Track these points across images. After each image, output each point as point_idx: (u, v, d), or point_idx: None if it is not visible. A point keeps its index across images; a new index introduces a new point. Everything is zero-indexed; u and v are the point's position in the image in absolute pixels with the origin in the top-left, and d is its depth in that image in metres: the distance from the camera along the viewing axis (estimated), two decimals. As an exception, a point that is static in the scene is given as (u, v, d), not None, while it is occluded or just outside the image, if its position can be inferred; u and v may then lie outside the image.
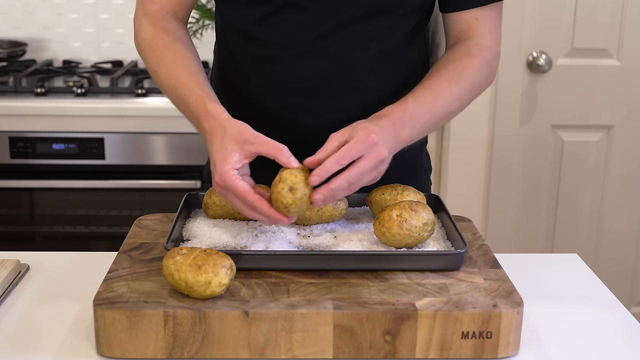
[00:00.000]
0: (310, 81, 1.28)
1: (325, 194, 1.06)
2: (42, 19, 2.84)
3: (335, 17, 1.25)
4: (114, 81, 2.50)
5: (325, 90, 1.29)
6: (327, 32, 1.26)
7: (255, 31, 1.29)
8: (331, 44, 1.26)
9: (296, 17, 1.25)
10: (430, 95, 1.21)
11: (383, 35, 1.28)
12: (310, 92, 1.29)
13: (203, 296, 1.00)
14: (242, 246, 1.14)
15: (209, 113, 1.13)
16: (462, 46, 1.29)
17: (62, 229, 2.55)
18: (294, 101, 1.30)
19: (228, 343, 0.99)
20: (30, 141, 2.40)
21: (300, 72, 1.28)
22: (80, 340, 1.05)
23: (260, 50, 1.30)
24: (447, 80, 1.23)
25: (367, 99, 1.29)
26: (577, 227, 2.64)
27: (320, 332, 0.99)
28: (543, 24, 2.48)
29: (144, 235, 1.23)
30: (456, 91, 1.23)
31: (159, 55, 1.24)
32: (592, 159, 2.58)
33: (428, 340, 0.99)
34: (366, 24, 1.26)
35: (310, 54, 1.27)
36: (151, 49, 1.26)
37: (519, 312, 1.01)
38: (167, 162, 2.43)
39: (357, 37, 1.26)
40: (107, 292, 1.03)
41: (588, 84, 2.52)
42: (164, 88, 1.24)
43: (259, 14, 1.27)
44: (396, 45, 1.30)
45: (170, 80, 1.21)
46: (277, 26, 1.27)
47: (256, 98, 1.31)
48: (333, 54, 1.27)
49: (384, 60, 1.30)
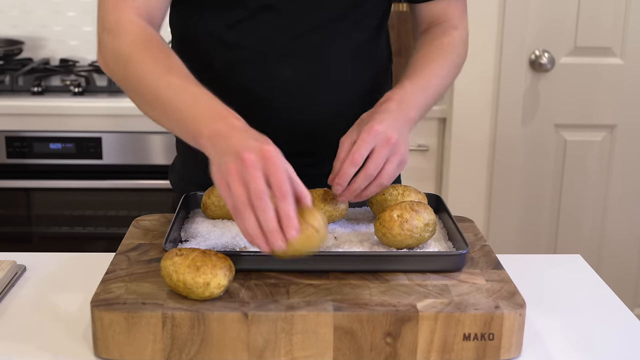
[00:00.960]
0: (286, 83, 1.29)
1: (348, 196, 1.10)
2: (39, 17, 2.85)
3: (310, 18, 1.27)
4: (112, 80, 2.50)
5: (301, 90, 1.30)
6: (302, 33, 1.27)
7: (229, 36, 1.28)
8: (306, 44, 1.28)
9: (272, 19, 1.26)
10: (422, 76, 1.26)
11: (355, 31, 1.31)
12: (286, 93, 1.30)
13: (202, 297, 1.00)
14: (241, 247, 1.14)
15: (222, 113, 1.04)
16: (438, 30, 1.36)
17: (59, 229, 2.55)
18: (271, 103, 1.31)
19: (227, 345, 0.99)
20: (27, 141, 2.40)
21: (277, 74, 1.29)
22: (77, 342, 1.05)
23: (235, 55, 1.29)
24: (434, 60, 1.29)
25: (344, 94, 1.33)
26: (580, 227, 2.64)
27: (320, 334, 0.99)
28: (546, 22, 2.48)
29: (141, 236, 1.23)
30: (444, 69, 1.30)
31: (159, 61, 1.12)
32: (595, 158, 2.58)
33: (429, 342, 0.99)
34: (339, 22, 1.29)
35: (285, 55, 1.28)
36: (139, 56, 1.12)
37: (522, 314, 1.01)
38: (166, 162, 2.43)
39: (331, 36, 1.29)
40: (104, 293, 1.03)
41: (591, 83, 2.52)
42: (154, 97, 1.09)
43: (233, 18, 1.27)
44: (367, 39, 1.34)
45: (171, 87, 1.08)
46: (252, 30, 1.28)
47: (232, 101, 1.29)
48: (308, 53, 1.29)
49: (357, 55, 1.33)
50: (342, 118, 1.27)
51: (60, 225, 2.55)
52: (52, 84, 2.55)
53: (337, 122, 1.27)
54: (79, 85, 2.47)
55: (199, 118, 1.03)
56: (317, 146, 1.34)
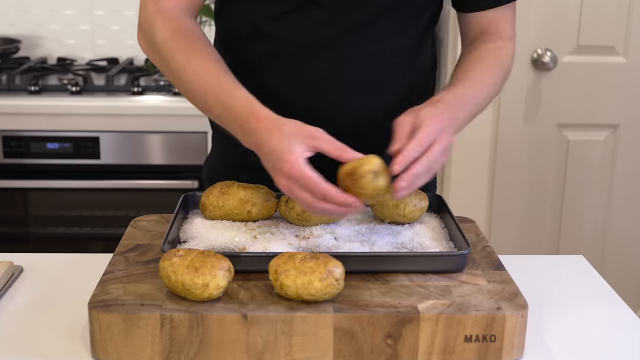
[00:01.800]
0: (324, 79, 1.29)
1: (408, 180, 1.05)
2: (36, 15, 2.85)
3: (353, 14, 1.27)
4: (110, 79, 2.50)
5: (339, 88, 1.30)
6: (345, 30, 1.27)
7: (271, 27, 1.29)
8: (348, 41, 1.28)
9: (315, 13, 1.26)
10: (473, 82, 1.26)
11: (400, 31, 1.30)
12: (323, 89, 1.29)
13: (200, 299, 1.00)
14: (241, 247, 1.14)
15: (259, 114, 1.11)
16: (492, 39, 1.34)
17: (57, 230, 2.55)
18: (307, 99, 1.30)
19: (226, 347, 0.99)
20: (24, 140, 2.40)
21: (315, 69, 1.29)
22: (75, 344, 1.05)
23: (275, 46, 1.29)
24: (486, 68, 1.29)
25: (382, 96, 1.32)
26: (583, 228, 2.64)
27: (320, 336, 0.99)
28: (548, 20, 2.48)
29: (140, 237, 1.23)
30: (493, 80, 1.30)
31: (184, 57, 1.19)
32: (598, 158, 2.58)
33: (430, 344, 0.99)
34: (383, 21, 1.28)
35: (325, 51, 1.28)
36: (172, 50, 1.21)
37: (524, 315, 1.01)
38: (164, 162, 2.43)
39: (375, 33, 1.28)
40: (102, 294, 1.03)
41: (594, 82, 2.52)
42: (193, 91, 1.20)
43: (276, 9, 1.28)
44: (411, 41, 1.33)
45: (200, 83, 1.17)
46: (295, 22, 1.28)
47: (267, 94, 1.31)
48: (350, 51, 1.28)
49: (400, 56, 1.32)
50: (376, 122, 1.28)
51: (58, 225, 2.55)
52: (49, 83, 2.55)
53: (371, 125, 1.29)
54: (77, 84, 2.47)
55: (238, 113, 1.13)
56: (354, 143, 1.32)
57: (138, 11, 1.29)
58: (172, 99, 2.43)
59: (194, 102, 1.22)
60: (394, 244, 1.16)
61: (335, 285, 1.00)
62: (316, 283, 0.99)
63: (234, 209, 1.21)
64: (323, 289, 0.99)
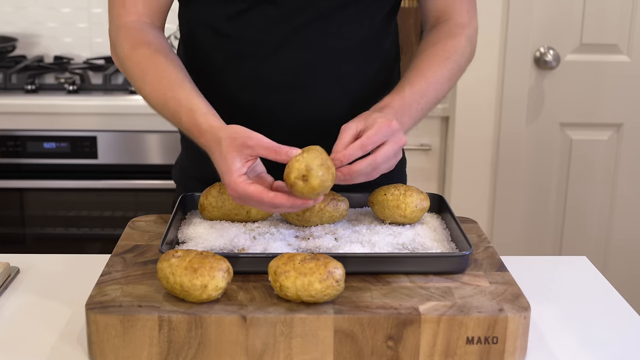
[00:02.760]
0: (286, 75, 1.30)
1: (345, 174, 1.09)
2: (33, 13, 2.85)
3: (309, 8, 1.27)
4: (107, 78, 2.50)
5: (302, 84, 1.31)
6: (302, 24, 1.28)
7: (228, 28, 1.30)
8: (307, 35, 1.29)
9: (270, 10, 1.27)
10: (423, 81, 1.26)
11: (359, 23, 1.31)
12: (286, 86, 1.31)
13: (199, 300, 1.00)
14: (240, 248, 1.14)
15: (201, 127, 1.14)
16: (444, 28, 1.35)
17: (54, 230, 2.55)
18: (270, 97, 1.31)
19: (225, 349, 0.99)
20: (20, 140, 2.40)
21: (276, 66, 1.30)
22: (71, 346, 1.05)
23: (234, 47, 1.31)
24: (436, 65, 1.29)
25: (344, 89, 1.33)
26: (586, 228, 2.64)
27: (320, 337, 0.99)
28: (551, 18, 2.48)
29: (138, 237, 1.23)
30: (446, 74, 1.29)
31: (141, 70, 1.24)
32: (601, 158, 2.58)
33: (432, 346, 0.99)
34: (341, 12, 1.29)
35: (285, 48, 1.29)
36: (132, 65, 1.25)
37: (526, 317, 1.01)
38: (162, 162, 2.43)
39: (333, 27, 1.29)
40: (99, 296, 1.03)
41: (597, 81, 2.52)
42: (152, 105, 1.24)
43: (231, 10, 1.29)
44: (372, 32, 1.34)
45: (157, 97, 1.22)
46: (250, 21, 1.29)
47: (231, 95, 1.32)
48: (309, 46, 1.29)
49: (362, 48, 1.33)
50: (343, 114, 1.27)
51: (55, 226, 2.55)
52: (46, 82, 2.55)
53: (338, 118, 1.28)
54: (74, 83, 2.47)
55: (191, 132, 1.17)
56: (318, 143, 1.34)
57: None
58: (170, 98, 2.43)
59: (159, 113, 1.25)
60: (395, 244, 1.16)
61: (336, 287, 1.00)
62: (316, 284, 0.99)
63: (233, 209, 1.21)
64: (323, 290, 0.99)
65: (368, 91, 1.34)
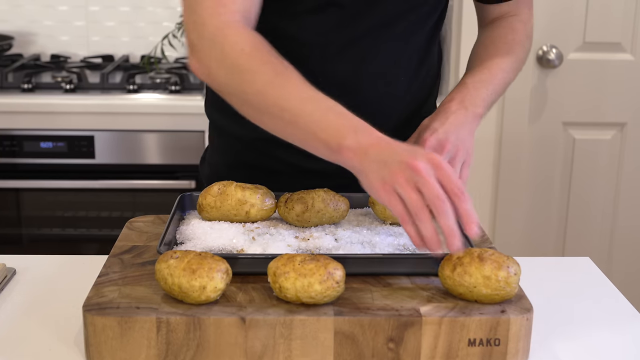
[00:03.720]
0: (342, 79, 1.31)
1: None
2: (29, 11, 2.85)
3: (373, 15, 1.28)
4: (105, 76, 2.50)
5: (356, 88, 1.32)
6: (362, 30, 1.29)
7: (288, 28, 1.30)
8: (364, 41, 1.30)
9: (333, 14, 1.28)
10: (486, 70, 1.32)
11: (414, 31, 1.33)
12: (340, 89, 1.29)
13: (198, 302, 1.00)
14: (239, 249, 1.14)
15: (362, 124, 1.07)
16: (505, 23, 1.40)
17: (50, 231, 2.55)
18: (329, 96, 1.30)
19: (224, 350, 0.99)
20: (17, 139, 2.40)
21: (332, 69, 1.30)
22: (68, 348, 1.05)
23: (292, 47, 1.28)
24: (498, 55, 1.34)
25: (397, 94, 1.35)
26: (589, 229, 2.64)
27: (320, 339, 0.99)
28: (553, 16, 2.48)
29: (135, 238, 1.23)
30: (508, 64, 1.34)
31: (275, 69, 1.11)
32: (604, 157, 2.58)
33: (433, 348, 0.99)
34: (401, 21, 1.31)
35: (343, 52, 1.30)
36: (259, 63, 1.11)
37: (529, 319, 1.01)
38: (160, 162, 2.43)
39: (393, 35, 1.31)
40: (97, 297, 1.03)
41: (600, 80, 2.52)
42: (274, 108, 1.10)
43: (291, 10, 1.29)
44: (424, 40, 1.36)
45: (298, 94, 1.10)
46: (311, 23, 1.29)
47: None
48: (366, 51, 1.30)
49: (413, 56, 1.35)
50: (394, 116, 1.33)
51: (52, 226, 2.55)
52: (42, 81, 2.55)
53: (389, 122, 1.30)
54: (71, 82, 2.47)
55: (338, 130, 1.05)
56: None
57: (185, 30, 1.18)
58: (168, 97, 2.43)
59: (268, 119, 1.13)
60: (395, 245, 1.16)
61: (336, 288, 1.00)
62: (316, 285, 0.99)
63: (232, 209, 1.21)
64: (323, 291, 0.99)
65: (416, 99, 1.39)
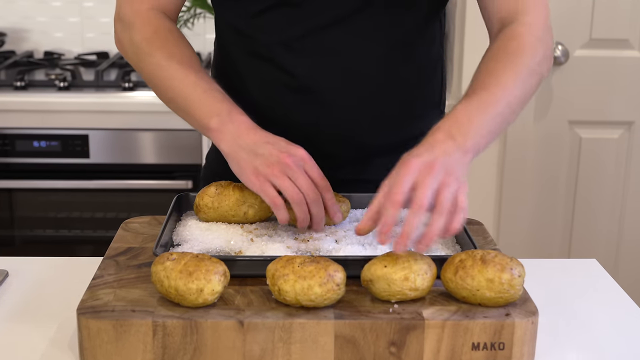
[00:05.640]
0: (305, 78, 1.30)
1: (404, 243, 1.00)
2: (22, 7, 2.85)
3: (331, 10, 1.26)
4: (99, 74, 2.50)
5: (321, 87, 1.30)
6: (322, 26, 1.27)
7: (249, 27, 1.31)
8: (326, 37, 1.28)
9: (291, 11, 1.27)
10: (485, 93, 1.15)
11: (383, 28, 1.29)
12: (304, 89, 1.30)
13: (195, 305, 1.00)
14: (237, 251, 1.14)
15: (236, 109, 1.21)
16: (507, 30, 1.24)
17: (44, 232, 2.55)
18: (289, 98, 1.31)
19: (221, 355, 0.99)
20: (9, 138, 2.40)
21: (295, 67, 1.29)
22: (62, 352, 1.05)
23: (255, 46, 1.31)
24: (499, 70, 1.18)
25: (368, 93, 1.31)
26: (596, 230, 2.64)
27: (321, 343, 0.99)
28: (559, 12, 2.48)
29: (131, 240, 1.23)
30: (511, 78, 1.17)
31: (167, 53, 1.27)
32: (611, 157, 2.58)
33: (436, 352, 0.99)
34: (362, 17, 1.27)
35: (305, 49, 1.28)
36: (154, 47, 1.28)
37: (534, 322, 1.01)
38: (157, 161, 2.43)
39: (356, 29, 1.28)
40: (91, 300, 1.03)
41: (608, 77, 2.52)
42: (172, 88, 1.27)
43: (248, 10, 1.29)
44: (402, 36, 1.31)
45: (183, 78, 1.25)
46: (268, 22, 1.29)
47: (252, 96, 1.32)
48: (329, 48, 1.28)
49: (389, 53, 1.31)
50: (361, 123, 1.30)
51: (45, 228, 2.55)
52: (36, 78, 2.55)
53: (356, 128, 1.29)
54: (65, 80, 2.47)
55: (207, 111, 1.21)
56: (335, 152, 1.33)
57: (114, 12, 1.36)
58: (164, 95, 2.43)
59: (159, 95, 1.31)
60: (397, 247, 1.16)
61: (336, 291, 1.00)
62: (316, 288, 0.99)
63: (230, 210, 1.21)
64: (323, 294, 0.99)
65: (397, 95, 1.33)
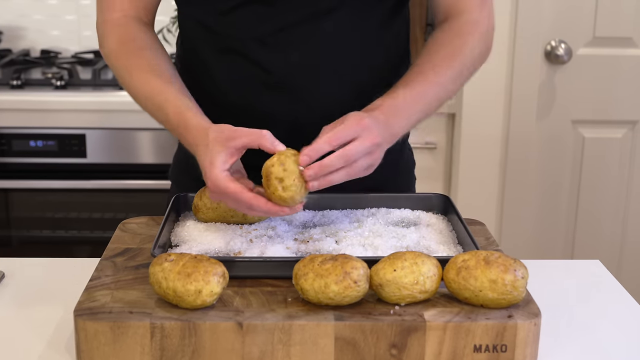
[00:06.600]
0: (278, 75, 1.30)
1: (316, 171, 1.08)
2: (18, 5, 2.85)
3: (302, 8, 1.27)
4: (97, 73, 2.50)
5: (294, 83, 1.31)
6: (296, 21, 1.28)
7: (220, 24, 1.31)
8: (300, 32, 1.28)
9: (263, 8, 1.27)
10: (422, 82, 1.25)
11: (357, 19, 1.30)
12: (282, 84, 1.31)
13: (193, 306, 1.00)
14: (236, 252, 1.14)
15: (188, 124, 1.17)
16: (454, 25, 1.33)
17: (41, 233, 2.55)
18: (265, 95, 1.31)
19: (220, 357, 0.99)
20: (6, 138, 2.40)
21: (271, 63, 1.29)
22: (59, 354, 1.05)
23: (228, 43, 1.31)
24: (440, 64, 1.27)
25: (345, 86, 1.32)
26: (599, 230, 2.64)
27: (321, 345, 0.99)
28: (562, 10, 2.48)
29: (128, 240, 1.23)
30: (450, 74, 1.28)
31: (128, 66, 1.28)
32: (615, 156, 2.58)
33: (437, 354, 1.00)
34: (335, 13, 1.28)
35: (277, 45, 1.29)
36: (118, 59, 1.30)
37: (536, 324, 1.01)
38: (154, 161, 2.43)
39: (328, 24, 1.29)
40: (88, 301, 1.03)
41: (611, 76, 2.52)
42: (138, 100, 1.28)
43: (222, 5, 1.29)
44: (373, 28, 1.33)
45: (143, 91, 1.26)
46: (241, 17, 1.29)
47: (223, 95, 1.33)
48: (303, 43, 1.29)
49: (361, 46, 1.32)
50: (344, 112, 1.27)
51: (42, 228, 2.55)
52: (32, 77, 2.55)
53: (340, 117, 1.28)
54: (61, 79, 2.47)
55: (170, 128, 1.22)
56: None
57: None
58: (162, 94, 2.43)
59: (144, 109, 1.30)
60: (398, 247, 1.16)
61: (355, 288, 0.99)
62: (333, 286, 0.99)
63: (229, 210, 1.21)
64: (341, 292, 0.99)
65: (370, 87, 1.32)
